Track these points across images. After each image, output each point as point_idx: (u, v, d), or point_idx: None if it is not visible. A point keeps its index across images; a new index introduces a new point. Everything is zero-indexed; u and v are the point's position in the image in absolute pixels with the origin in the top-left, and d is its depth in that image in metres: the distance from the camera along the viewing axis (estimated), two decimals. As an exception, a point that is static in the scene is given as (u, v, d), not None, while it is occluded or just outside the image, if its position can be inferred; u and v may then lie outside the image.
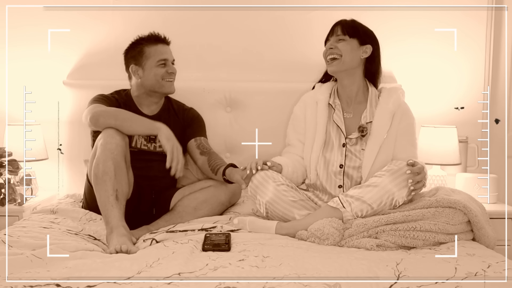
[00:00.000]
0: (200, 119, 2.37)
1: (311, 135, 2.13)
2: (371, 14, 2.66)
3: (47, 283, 1.34)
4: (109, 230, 1.84)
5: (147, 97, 2.27)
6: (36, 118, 2.64)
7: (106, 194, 1.89)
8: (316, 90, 2.20)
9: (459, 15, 2.72)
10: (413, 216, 1.80)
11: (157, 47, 2.22)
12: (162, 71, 2.21)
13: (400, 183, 1.86)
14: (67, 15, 2.67)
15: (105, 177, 1.91)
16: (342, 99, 2.15)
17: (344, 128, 2.09)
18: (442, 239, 1.78)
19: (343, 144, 2.07)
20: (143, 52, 2.22)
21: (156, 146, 2.23)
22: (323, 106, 2.14)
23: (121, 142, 1.97)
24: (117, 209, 1.87)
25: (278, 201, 1.94)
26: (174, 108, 2.35)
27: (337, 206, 1.87)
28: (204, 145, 2.25)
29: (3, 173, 2.32)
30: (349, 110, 2.13)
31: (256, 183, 1.98)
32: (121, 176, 1.94)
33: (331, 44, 2.08)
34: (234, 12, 2.70)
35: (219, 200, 2.15)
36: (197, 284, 1.37)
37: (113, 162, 1.92)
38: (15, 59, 2.69)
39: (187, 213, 2.09)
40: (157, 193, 2.20)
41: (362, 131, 2.05)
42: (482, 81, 2.77)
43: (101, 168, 1.91)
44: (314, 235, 1.80)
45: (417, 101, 2.72)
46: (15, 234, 1.75)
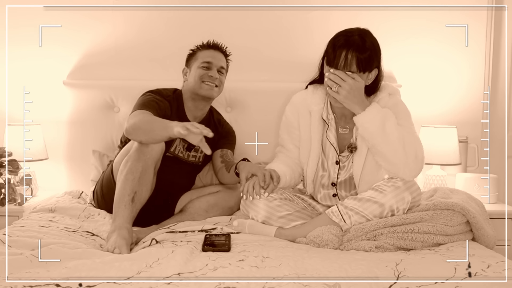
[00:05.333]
0: (233, 135, 2.39)
1: (306, 147, 2.03)
2: (370, 14, 2.66)
3: (46, 283, 1.34)
4: (112, 228, 1.83)
5: (192, 102, 2.25)
6: (36, 118, 2.64)
7: (123, 193, 1.88)
8: (309, 95, 2.03)
9: (459, 15, 2.72)
10: (411, 218, 1.80)
11: (207, 52, 2.25)
12: (202, 72, 2.20)
13: (402, 199, 1.83)
14: (67, 15, 2.67)
15: (129, 175, 1.89)
16: (336, 113, 2.00)
17: (337, 145, 1.99)
18: (440, 240, 1.78)
19: (336, 162, 2.00)
20: (195, 55, 2.26)
21: (190, 155, 2.24)
22: (316, 120, 1.99)
23: (156, 148, 1.95)
24: (128, 211, 1.86)
25: (272, 218, 1.91)
26: (214, 120, 2.35)
27: (337, 220, 1.84)
28: (228, 156, 2.26)
29: (3, 173, 2.32)
30: (345, 124, 1.99)
31: (247, 201, 1.95)
32: (146, 181, 1.92)
33: (339, 77, 1.82)
34: (234, 12, 2.70)
35: (228, 204, 2.19)
36: (197, 284, 1.37)
37: (142, 164, 1.90)
38: (15, 59, 2.69)
39: (198, 214, 2.12)
40: (172, 199, 2.22)
41: (351, 151, 1.96)
42: (482, 81, 2.77)
43: (129, 166, 1.90)
44: (313, 242, 1.80)
45: (417, 101, 2.73)
46: (14, 234, 1.75)
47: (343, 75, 1.81)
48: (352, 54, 1.81)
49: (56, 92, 2.66)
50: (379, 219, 1.82)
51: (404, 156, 1.83)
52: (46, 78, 2.70)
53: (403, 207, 1.83)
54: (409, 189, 1.84)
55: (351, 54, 1.81)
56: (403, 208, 1.83)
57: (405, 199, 1.83)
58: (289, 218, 1.91)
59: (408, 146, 1.84)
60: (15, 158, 2.36)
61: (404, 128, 1.88)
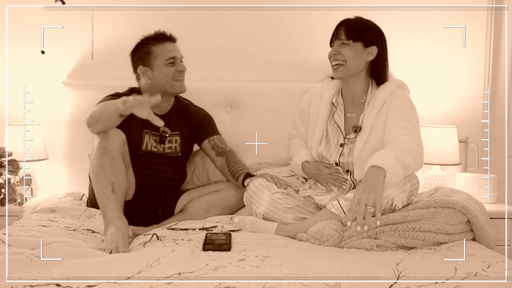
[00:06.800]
0: (208, 118, 2.36)
1: (311, 130, 2.14)
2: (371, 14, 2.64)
3: (47, 283, 1.34)
4: (106, 222, 1.84)
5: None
6: (36, 118, 2.64)
7: (101, 188, 1.89)
8: (324, 85, 2.17)
9: (459, 15, 2.72)
10: (412, 216, 1.80)
11: (164, 46, 2.19)
12: (172, 70, 2.18)
13: (399, 188, 1.84)
14: (67, 15, 2.67)
15: (100, 171, 1.91)
16: (346, 99, 2.11)
17: (344, 128, 2.08)
18: (441, 239, 1.78)
19: (341, 144, 2.06)
20: (151, 52, 2.18)
21: (165, 148, 2.23)
22: (325, 103, 2.12)
23: (116, 139, 1.98)
24: (113, 201, 1.88)
25: (273, 210, 1.97)
26: (183, 109, 2.33)
27: (337, 212, 1.87)
28: (219, 145, 2.26)
29: (3, 173, 2.32)
30: (353, 110, 2.09)
31: (251, 193, 2.01)
32: (118, 171, 1.94)
33: (335, 50, 2.03)
34: (234, 12, 2.70)
35: (229, 203, 2.18)
36: (197, 284, 1.38)
37: (108, 157, 1.93)
38: (15, 59, 2.69)
39: (198, 214, 2.12)
40: (165, 194, 2.22)
41: (356, 131, 2.03)
42: (482, 81, 2.77)
43: (96, 163, 1.93)
44: (314, 237, 1.80)
45: (417, 101, 2.70)
46: (14, 234, 1.75)
47: (361, 209, 1.73)
48: (343, 27, 2.02)
49: (56, 92, 2.66)
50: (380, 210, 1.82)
51: (417, 164, 1.89)
52: (46, 78, 2.69)
53: (402, 195, 1.84)
54: (407, 177, 1.86)
55: (341, 28, 2.02)
56: (401, 197, 1.84)
57: (404, 186, 1.85)
58: (289, 211, 1.96)
59: (414, 155, 1.86)
60: (15, 158, 2.36)
61: (405, 135, 1.90)
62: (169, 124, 2.23)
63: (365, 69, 2.06)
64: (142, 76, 2.22)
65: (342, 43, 2.01)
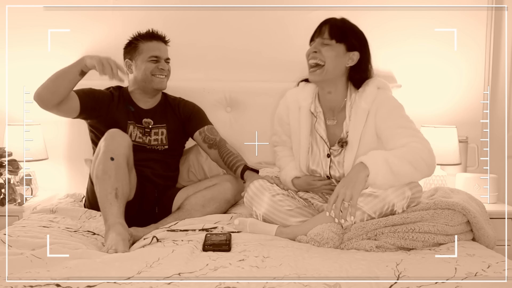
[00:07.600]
0: (198, 109, 2.38)
1: (296, 141, 2.06)
2: (371, 14, 2.66)
3: (47, 283, 1.34)
4: (107, 227, 1.84)
5: (142, 93, 2.30)
6: (36, 118, 2.64)
7: (105, 192, 1.90)
8: (299, 91, 2.07)
9: (459, 15, 2.73)
10: (412, 218, 1.80)
11: (151, 44, 2.27)
12: (152, 66, 2.25)
13: (401, 194, 1.82)
14: (67, 15, 2.68)
15: (104, 176, 1.92)
16: (324, 105, 2.03)
17: (327, 137, 2.01)
18: (441, 240, 1.78)
19: (328, 155, 2.01)
20: (137, 48, 2.27)
21: (151, 140, 2.25)
22: (305, 114, 2.03)
23: (123, 143, 1.99)
24: (116, 207, 1.88)
25: (274, 211, 1.94)
26: (170, 103, 2.37)
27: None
28: (209, 137, 2.28)
29: (3, 173, 2.32)
30: (333, 116, 2.01)
31: (252, 194, 1.98)
32: (122, 176, 1.95)
33: (315, 47, 1.94)
34: (234, 12, 2.71)
35: (225, 197, 2.18)
36: (197, 284, 1.37)
37: (114, 162, 1.93)
38: (15, 59, 2.69)
39: (195, 210, 2.12)
40: (160, 192, 2.22)
41: (342, 145, 1.97)
42: (482, 81, 2.78)
43: (101, 167, 1.93)
44: (314, 240, 1.80)
45: (417, 101, 2.73)
46: (15, 234, 1.75)
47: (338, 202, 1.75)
48: (327, 25, 1.94)
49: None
50: (378, 217, 1.82)
51: (418, 173, 1.83)
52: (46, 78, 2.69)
53: (402, 202, 1.82)
54: (409, 184, 1.84)
55: (325, 26, 1.95)
56: (402, 203, 1.82)
57: (405, 193, 1.82)
58: (290, 214, 1.93)
59: (416, 162, 1.80)
60: (15, 158, 2.37)
61: (402, 146, 1.83)
62: (154, 117, 2.29)
63: (344, 75, 1.97)
64: (127, 69, 2.30)
65: (324, 43, 1.93)
